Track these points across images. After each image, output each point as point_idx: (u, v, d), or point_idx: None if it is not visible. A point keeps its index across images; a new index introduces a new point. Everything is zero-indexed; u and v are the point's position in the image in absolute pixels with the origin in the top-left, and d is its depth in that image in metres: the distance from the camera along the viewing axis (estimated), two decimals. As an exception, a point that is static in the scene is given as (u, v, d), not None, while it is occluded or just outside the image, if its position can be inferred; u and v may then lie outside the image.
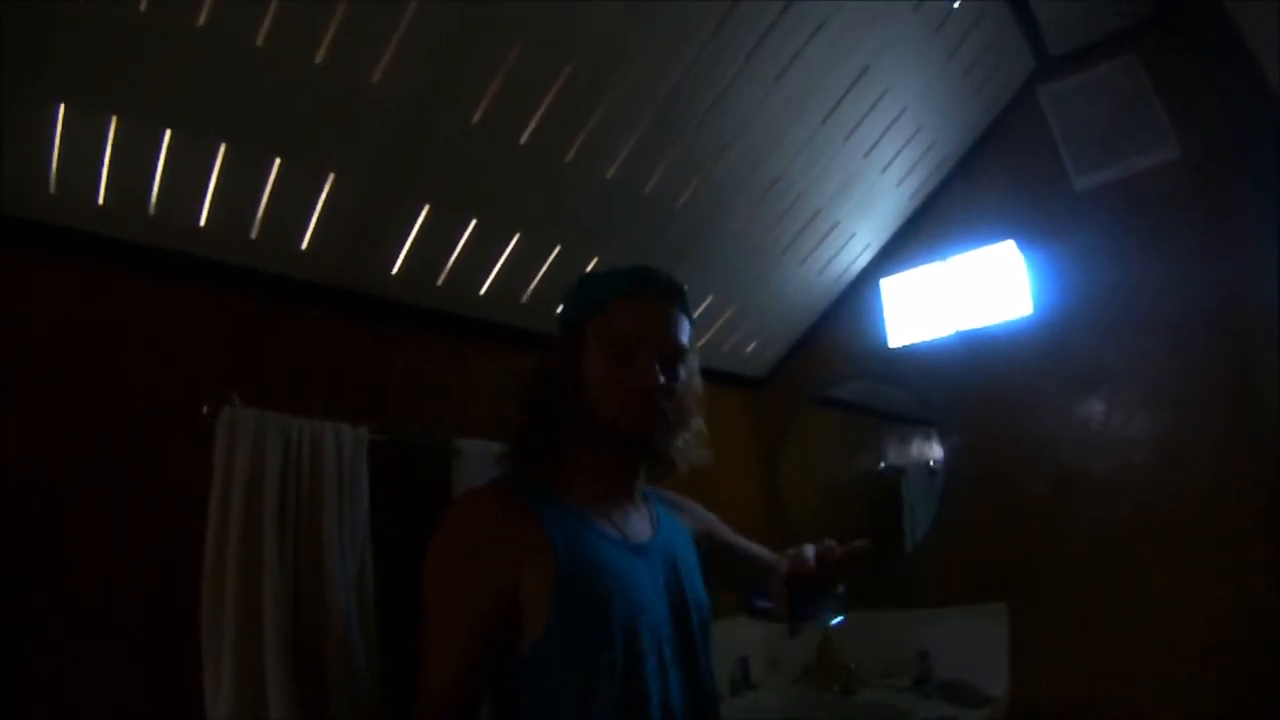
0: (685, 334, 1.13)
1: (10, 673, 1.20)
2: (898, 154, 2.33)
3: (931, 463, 2.55)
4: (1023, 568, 2.24)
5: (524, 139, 1.70)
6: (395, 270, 1.76)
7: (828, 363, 2.83)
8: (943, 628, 2.31)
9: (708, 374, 2.57)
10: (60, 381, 1.33)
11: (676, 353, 1.11)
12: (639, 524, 1.15)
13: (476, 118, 1.61)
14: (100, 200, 1.34)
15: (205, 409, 1.41)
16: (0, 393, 1.26)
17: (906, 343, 2.61)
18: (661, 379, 1.07)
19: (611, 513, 1.11)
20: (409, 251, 1.75)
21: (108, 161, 1.30)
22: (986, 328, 2.42)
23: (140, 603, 1.36)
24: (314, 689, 1.41)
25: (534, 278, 2.00)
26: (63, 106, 1.22)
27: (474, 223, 1.79)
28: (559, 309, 1.20)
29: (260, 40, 1.29)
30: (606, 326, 1.09)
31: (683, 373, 1.13)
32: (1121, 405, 2.16)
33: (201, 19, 1.23)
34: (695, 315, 1.19)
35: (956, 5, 2.00)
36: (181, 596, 1.34)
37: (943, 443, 2.50)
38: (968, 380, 2.44)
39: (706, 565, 1.24)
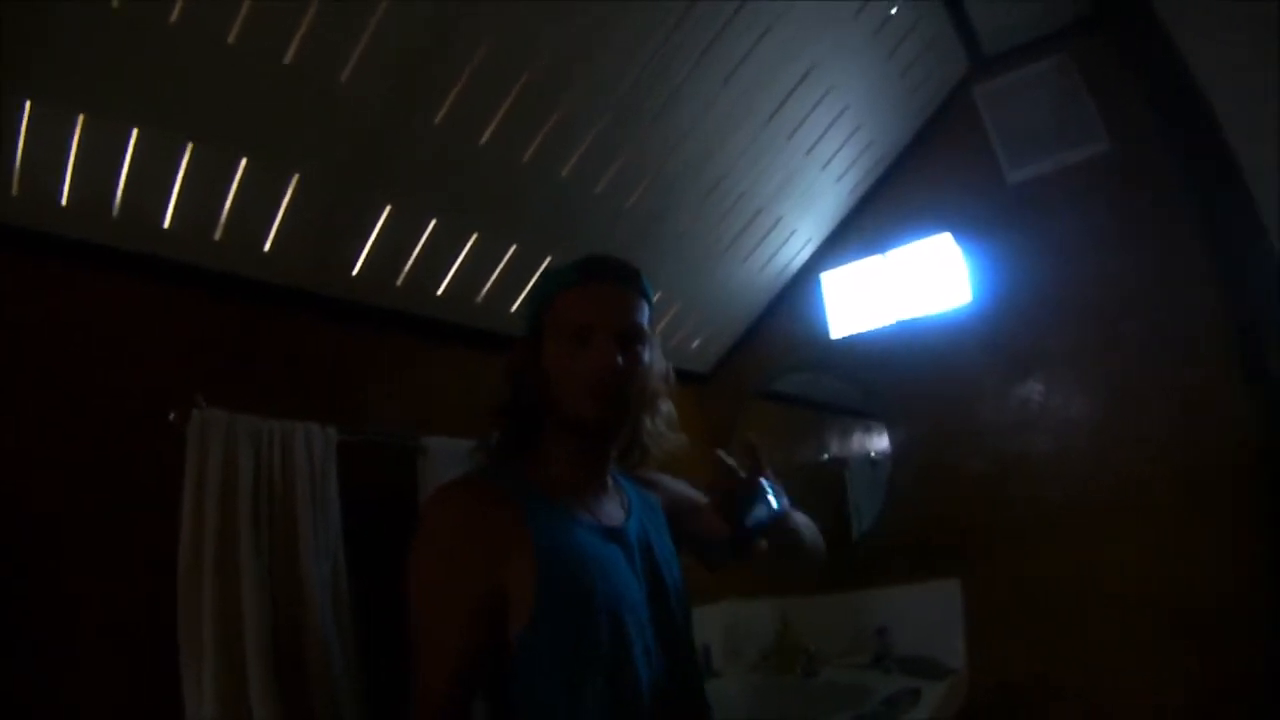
0: (642, 315, 1.12)
1: (7, 676, 1.19)
2: (837, 151, 2.41)
3: (873, 454, 2.63)
4: (971, 546, 2.34)
5: (484, 139, 1.72)
6: (356, 271, 1.76)
7: (772, 357, 2.90)
8: (898, 605, 2.39)
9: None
10: (27, 383, 1.31)
11: (634, 334, 1.09)
12: (612, 510, 1.15)
13: (439, 118, 1.63)
14: (64, 201, 1.31)
15: (172, 415, 1.39)
16: None
17: (847, 333, 2.71)
18: (620, 360, 1.05)
19: (586, 500, 1.11)
20: (370, 252, 1.75)
21: (73, 161, 1.28)
22: (926, 317, 2.53)
23: (137, 605, 1.35)
24: (296, 690, 1.41)
25: (489, 278, 2.01)
26: (29, 104, 1.20)
27: (434, 222, 1.80)
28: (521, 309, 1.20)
29: (232, 39, 1.29)
30: (559, 316, 1.08)
31: (645, 355, 1.11)
32: (1060, 388, 2.28)
33: (174, 16, 1.22)
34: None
35: (894, 11, 2.10)
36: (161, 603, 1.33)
37: (887, 429, 2.59)
38: (909, 368, 2.54)
39: (679, 535, 1.25)
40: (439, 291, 1.95)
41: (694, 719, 1.12)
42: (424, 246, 1.83)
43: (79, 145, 1.27)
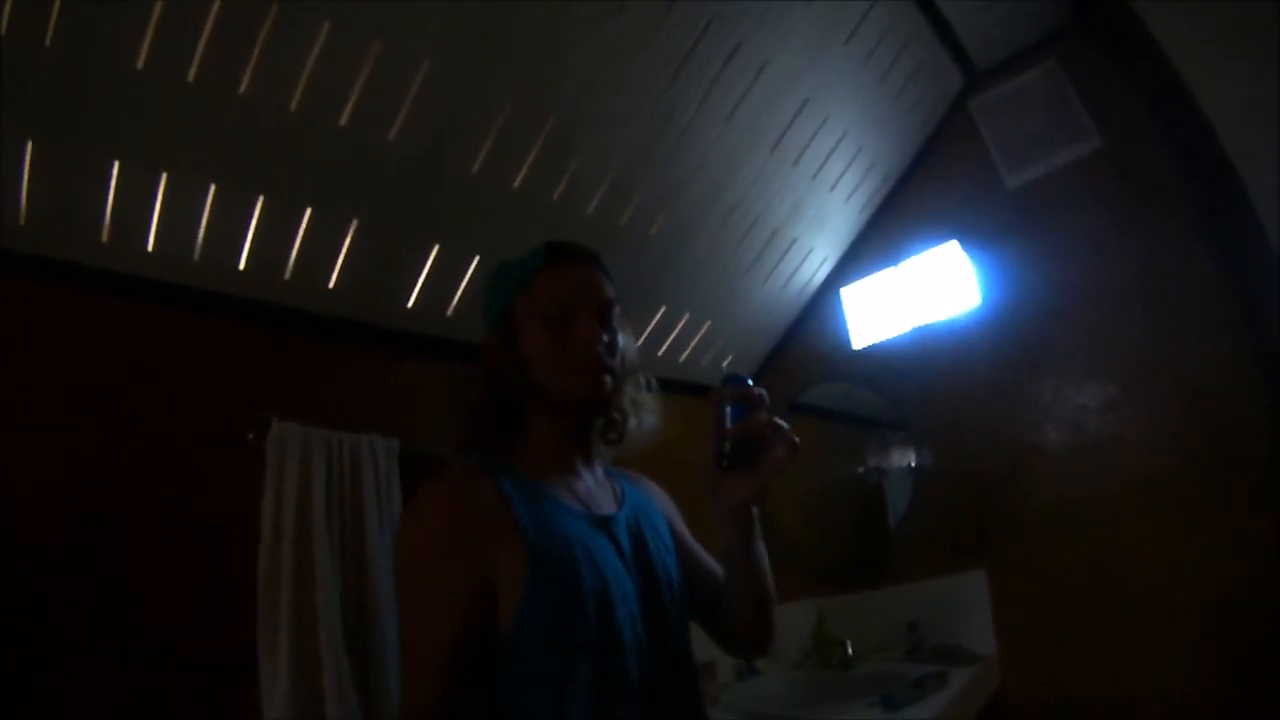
0: (611, 291, 1.14)
1: (54, 694, 1.32)
2: (843, 173, 2.60)
3: (898, 456, 2.78)
4: (995, 538, 2.44)
5: (516, 184, 1.96)
6: (411, 304, 1.99)
7: (799, 371, 3.06)
8: (928, 598, 2.51)
9: (687, 388, 2.77)
10: (110, 412, 1.50)
11: (610, 309, 1.12)
12: (603, 499, 1.14)
13: (475, 168, 1.86)
14: (150, 247, 1.56)
15: (251, 435, 1.60)
16: (56, 423, 1.43)
17: (868, 343, 2.86)
18: (604, 336, 1.09)
19: (573, 485, 1.11)
20: (422, 287, 1.98)
21: (158, 213, 1.52)
22: (940, 322, 2.67)
23: (186, 625, 1.49)
24: (366, 689, 1.57)
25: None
26: (116, 164, 1.45)
27: (477, 259, 2.03)
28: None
29: (294, 105, 1.54)
30: (536, 299, 1.09)
31: (618, 329, 1.14)
32: (1071, 381, 2.37)
33: (243, 88, 1.47)
34: (673, 333, 1.22)
35: (877, 32, 2.28)
36: (225, 617, 1.51)
37: (910, 432, 2.73)
38: (927, 372, 2.68)
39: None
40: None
41: (685, 715, 1.08)
42: (469, 281, 2.05)
43: (163, 199, 1.52)
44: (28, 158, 1.36)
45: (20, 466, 1.37)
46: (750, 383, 0.98)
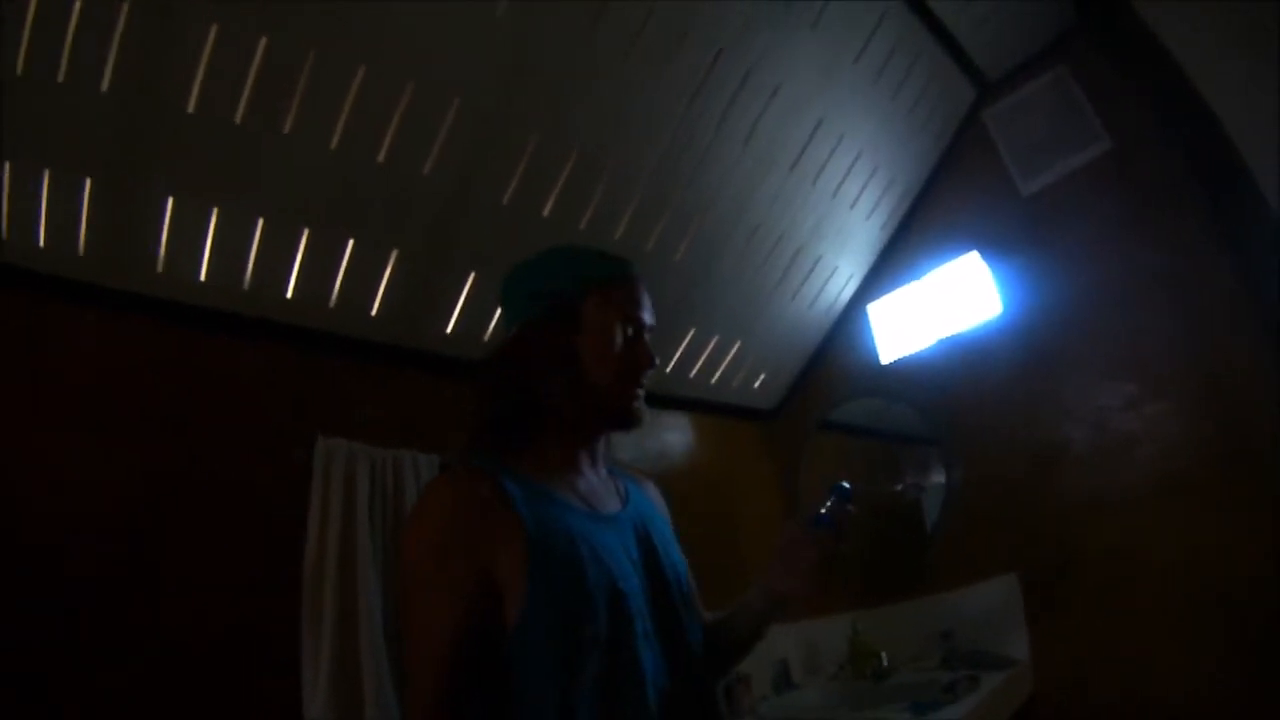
0: None
1: (113, 689, 1.41)
2: (862, 191, 2.67)
3: (930, 466, 2.79)
4: (1027, 542, 2.45)
5: (545, 212, 2.07)
6: (449, 329, 2.10)
7: (830, 388, 3.11)
8: (961, 606, 2.52)
9: (722, 409, 2.79)
10: (167, 429, 1.60)
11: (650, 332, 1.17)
12: (606, 497, 1.15)
13: (506, 199, 1.98)
14: (202, 277, 1.69)
15: (297, 454, 1.71)
16: (114, 437, 1.53)
17: (896, 357, 2.90)
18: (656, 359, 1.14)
19: (576, 485, 1.11)
20: (460, 313, 2.09)
21: (209, 246, 1.66)
22: (964, 332, 2.71)
23: (231, 627, 1.56)
24: (401, 692, 1.62)
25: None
26: (170, 200, 1.58)
27: (508, 286, 2.13)
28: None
29: (334, 144, 1.67)
30: (616, 302, 1.10)
31: None
32: (1092, 382, 2.38)
33: (286, 128, 1.61)
34: (703, 355, 1.25)
35: (885, 51, 2.35)
36: (269, 620, 1.60)
37: (939, 441, 2.74)
38: (953, 381, 2.71)
39: None
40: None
41: (698, 713, 1.08)
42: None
43: (214, 233, 1.65)
44: (86, 194, 1.50)
45: (85, 479, 1.49)
46: (850, 496, 1.14)
